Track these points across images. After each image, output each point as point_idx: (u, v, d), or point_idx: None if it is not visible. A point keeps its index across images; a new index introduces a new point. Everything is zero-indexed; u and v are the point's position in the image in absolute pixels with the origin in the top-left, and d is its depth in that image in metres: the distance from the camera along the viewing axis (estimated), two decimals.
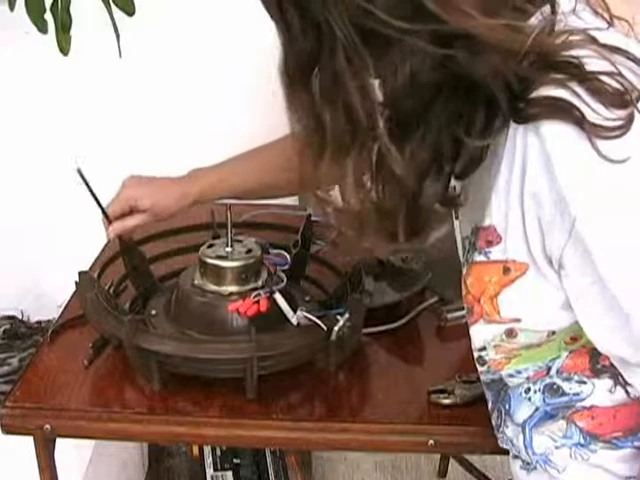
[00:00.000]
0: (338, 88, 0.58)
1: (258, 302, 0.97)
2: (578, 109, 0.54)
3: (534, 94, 0.56)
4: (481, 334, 0.72)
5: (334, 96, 0.58)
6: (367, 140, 0.60)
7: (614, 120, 0.54)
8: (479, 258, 0.67)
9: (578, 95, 0.55)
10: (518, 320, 0.67)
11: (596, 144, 0.54)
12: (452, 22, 0.53)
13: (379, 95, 0.59)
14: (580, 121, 0.54)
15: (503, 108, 0.58)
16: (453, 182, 0.69)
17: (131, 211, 1.02)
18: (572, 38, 0.57)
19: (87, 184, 1.00)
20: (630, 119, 0.54)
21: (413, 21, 0.53)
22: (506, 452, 0.82)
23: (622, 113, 0.54)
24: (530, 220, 0.60)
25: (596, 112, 0.54)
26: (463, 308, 1.09)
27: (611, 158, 0.54)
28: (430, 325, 1.12)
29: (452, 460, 1.80)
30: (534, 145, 0.57)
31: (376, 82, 0.58)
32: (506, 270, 0.65)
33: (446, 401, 0.93)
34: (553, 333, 0.68)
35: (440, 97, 0.58)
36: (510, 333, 0.69)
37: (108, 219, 1.02)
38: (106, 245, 1.28)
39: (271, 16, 0.60)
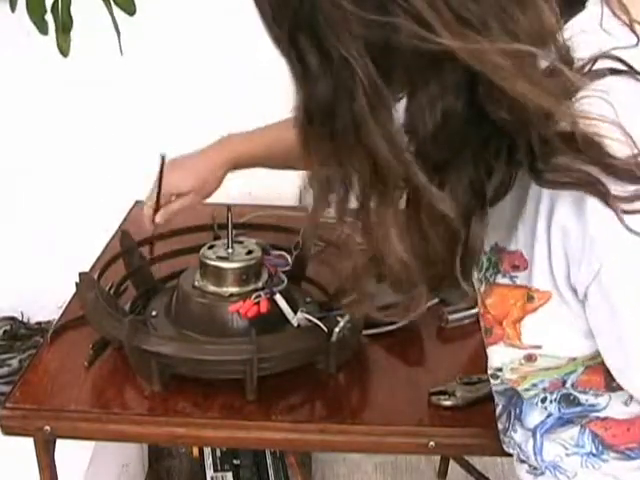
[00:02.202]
0: (359, 133, 0.53)
1: (258, 303, 0.97)
2: (603, 184, 0.53)
3: (556, 159, 0.54)
4: (499, 356, 0.71)
5: (355, 141, 0.53)
6: (398, 185, 0.55)
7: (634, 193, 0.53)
8: (503, 281, 0.66)
9: (600, 171, 0.53)
10: (539, 347, 0.66)
11: (622, 218, 0.53)
12: (473, 63, 0.49)
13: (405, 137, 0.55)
14: (604, 196, 0.53)
15: (524, 165, 0.56)
16: None
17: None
18: (589, 73, 0.54)
19: (161, 172, 1.04)
20: None
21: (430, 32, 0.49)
22: (507, 454, 0.82)
23: (635, 189, 0.53)
24: (557, 252, 0.59)
25: (618, 186, 0.53)
26: (464, 309, 1.11)
27: (637, 230, 0.53)
28: (431, 326, 1.12)
29: (452, 461, 1.80)
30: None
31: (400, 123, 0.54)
32: (530, 298, 0.64)
33: (447, 402, 0.93)
34: (574, 359, 0.67)
35: (470, 135, 0.55)
36: (529, 358, 0.68)
37: (157, 208, 1.05)
38: (107, 246, 1.28)
39: (283, 55, 0.55)
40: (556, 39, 0.54)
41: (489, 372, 0.76)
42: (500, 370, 0.73)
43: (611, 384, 0.68)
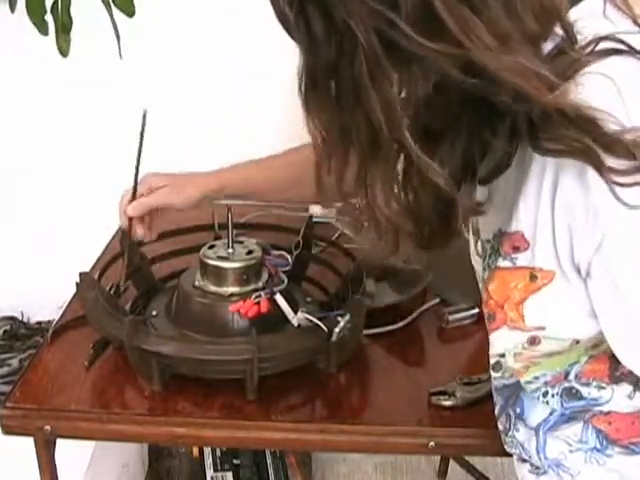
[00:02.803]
0: (358, 96, 0.56)
1: (259, 303, 0.97)
2: (597, 153, 0.54)
3: (555, 129, 0.55)
4: (502, 341, 0.71)
5: (354, 103, 0.56)
6: (391, 150, 0.58)
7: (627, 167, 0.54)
8: (504, 264, 0.66)
9: (595, 143, 0.54)
10: (542, 328, 0.66)
11: (614, 189, 0.54)
12: (472, 51, 0.51)
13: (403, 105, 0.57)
14: (598, 166, 0.54)
15: (523, 136, 0.57)
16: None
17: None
18: (591, 53, 0.56)
19: (142, 132, 1.01)
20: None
21: (435, 40, 0.52)
22: (507, 454, 0.82)
23: (630, 163, 0.54)
24: (560, 227, 0.59)
25: (613, 159, 0.54)
26: (464, 310, 1.11)
27: (628, 202, 0.54)
28: (431, 326, 1.12)
29: (452, 461, 1.80)
30: (569, 162, 0.57)
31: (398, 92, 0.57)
32: (533, 277, 0.64)
33: (447, 403, 0.93)
34: (577, 342, 0.67)
35: (465, 107, 0.57)
36: (533, 341, 0.68)
37: (134, 192, 1.02)
38: (108, 246, 1.28)
39: (290, 27, 0.57)
40: (561, 17, 0.56)
41: (491, 362, 0.76)
42: (503, 356, 0.73)
43: (615, 373, 0.69)
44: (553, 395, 0.72)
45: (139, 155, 1.02)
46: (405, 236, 0.64)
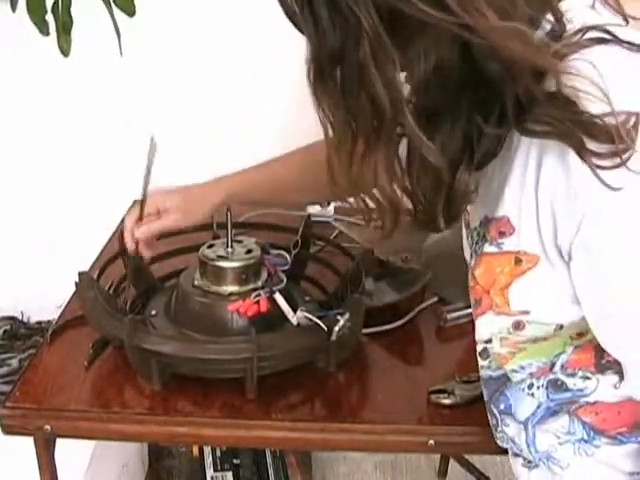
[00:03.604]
0: (362, 80, 0.57)
1: (258, 302, 0.97)
2: (578, 135, 0.55)
3: (539, 111, 0.57)
4: (488, 326, 0.72)
5: (359, 87, 0.58)
6: (393, 132, 0.60)
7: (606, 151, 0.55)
8: (490, 249, 0.68)
9: (577, 127, 0.55)
10: (527, 312, 0.67)
11: (596, 172, 0.55)
12: (467, 19, 0.53)
13: (405, 87, 0.59)
14: (578, 148, 0.55)
15: (510, 120, 0.58)
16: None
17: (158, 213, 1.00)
18: (575, 40, 0.57)
19: (151, 159, 0.98)
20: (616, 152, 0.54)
21: (437, 9, 0.53)
22: (507, 452, 0.82)
23: (609, 147, 0.55)
24: (544, 211, 0.61)
25: (593, 142, 0.55)
26: (463, 308, 1.11)
27: (608, 184, 0.55)
28: (430, 325, 1.12)
29: (452, 460, 1.80)
30: (552, 144, 0.58)
31: (402, 74, 0.58)
32: (517, 261, 0.65)
33: (446, 401, 0.93)
34: (561, 327, 0.68)
35: (465, 87, 0.58)
36: (518, 325, 0.69)
37: (141, 214, 0.99)
38: (107, 245, 1.28)
39: (296, 18, 0.59)
40: (553, 4, 0.58)
41: (478, 349, 0.77)
42: (489, 342, 0.74)
43: (601, 362, 0.70)
44: (538, 387, 0.73)
45: (146, 181, 1.00)
46: (405, 219, 0.65)
